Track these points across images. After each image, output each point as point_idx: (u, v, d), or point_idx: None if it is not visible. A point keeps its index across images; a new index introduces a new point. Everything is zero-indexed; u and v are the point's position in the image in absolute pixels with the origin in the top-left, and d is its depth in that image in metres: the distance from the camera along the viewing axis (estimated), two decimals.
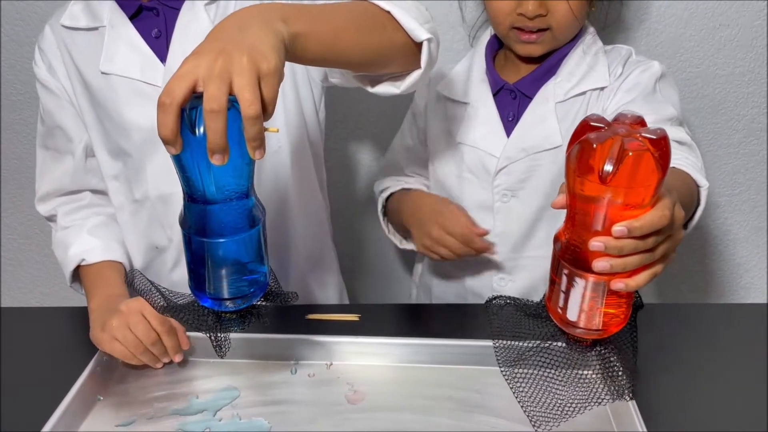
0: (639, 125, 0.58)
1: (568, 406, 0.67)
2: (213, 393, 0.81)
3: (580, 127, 0.59)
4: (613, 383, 0.67)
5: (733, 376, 0.83)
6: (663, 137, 0.55)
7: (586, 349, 0.67)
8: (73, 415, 0.76)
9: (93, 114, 0.95)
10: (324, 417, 0.77)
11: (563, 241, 0.61)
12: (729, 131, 1.34)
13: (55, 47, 0.94)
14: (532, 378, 0.69)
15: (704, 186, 0.81)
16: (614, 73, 0.99)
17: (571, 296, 0.62)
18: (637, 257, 0.58)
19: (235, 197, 0.62)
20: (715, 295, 1.50)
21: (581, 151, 0.56)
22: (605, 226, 0.57)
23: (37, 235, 1.50)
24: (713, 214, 1.42)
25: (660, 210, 0.56)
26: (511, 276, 1.07)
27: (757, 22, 1.24)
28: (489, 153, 1.02)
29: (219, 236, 0.62)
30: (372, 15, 0.75)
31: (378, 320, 0.96)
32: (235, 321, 0.71)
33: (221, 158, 0.56)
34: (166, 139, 0.55)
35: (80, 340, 0.87)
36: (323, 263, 1.11)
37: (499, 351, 0.71)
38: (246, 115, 0.55)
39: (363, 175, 1.44)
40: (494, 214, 1.04)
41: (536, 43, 0.98)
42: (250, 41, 0.58)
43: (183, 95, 0.55)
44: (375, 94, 0.83)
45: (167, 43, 0.91)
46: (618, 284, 0.59)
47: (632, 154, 0.53)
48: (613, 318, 0.63)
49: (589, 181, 0.56)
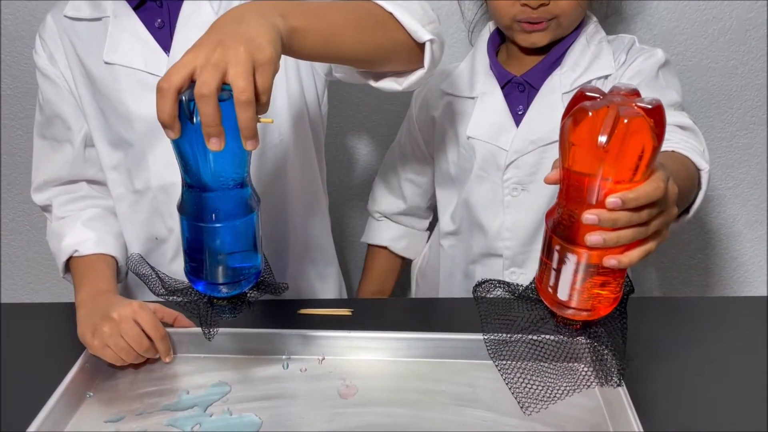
0: (634, 96, 0.57)
1: (557, 390, 0.67)
2: (204, 388, 0.80)
3: (575, 97, 0.58)
4: (602, 368, 0.67)
5: (732, 369, 0.82)
6: (658, 106, 0.55)
7: (575, 333, 0.67)
8: (61, 412, 0.75)
9: (94, 104, 0.95)
10: (316, 411, 0.76)
11: (555, 217, 0.61)
12: (722, 124, 1.33)
13: (56, 37, 0.94)
14: (520, 359, 0.68)
15: (704, 169, 0.80)
16: (618, 61, 0.99)
17: (563, 274, 0.61)
18: (630, 231, 0.57)
19: (232, 185, 0.64)
20: (709, 289, 1.50)
21: (575, 120, 0.56)
22: (599, 199, 0.56)
23: (28, 231, 1.49)
24: (708, 207, 1.41)
25: (654, 182, 0.56)
26: (522, 269, 1.06)
27: (751, 15, 1.24)
28: (499, 147, 1.02)
29: (214, 222, 0.65)
30: (374, 14, 0.76)
31: (370, 315, 0.95)
32: (226, 307, 0.72)
33: (218, 142, 0.58)
34: (165, 122, 0.58)
35: (70, 337, 0.86)
36: (323, 255, 1.11)
37: (487, 335, 0.70)
38: (238, 101, 0.57)
39: (359, 170, 1.43)
40: (504, 208, 1.04)
41: (541, 32, 0.97)
42: (248, 34, 0.60)
43: (180, 81, 0.57)
44: (378, 89, 0.84)
45: (171, 33, 0.91)
46: (610, 260, 0.58)
47: (627, 120, 0.53)
48: (604, 299, 0.62)
49: (583, 150, 0.55)
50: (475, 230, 1.08)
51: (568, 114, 0.57)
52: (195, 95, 0.57)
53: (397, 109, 1.32)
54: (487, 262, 1.09)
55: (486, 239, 1.07)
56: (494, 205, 1.05)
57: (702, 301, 1.24)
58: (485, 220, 1.06)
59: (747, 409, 0.76)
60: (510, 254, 1.06)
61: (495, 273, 1.08)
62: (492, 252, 1.07)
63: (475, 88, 1.05)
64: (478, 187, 1.06)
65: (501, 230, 1.05)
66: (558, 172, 0.60)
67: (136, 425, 0.75)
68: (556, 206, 0.61)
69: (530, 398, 0.67)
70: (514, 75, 1.02)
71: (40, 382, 0.79)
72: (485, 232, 1.07)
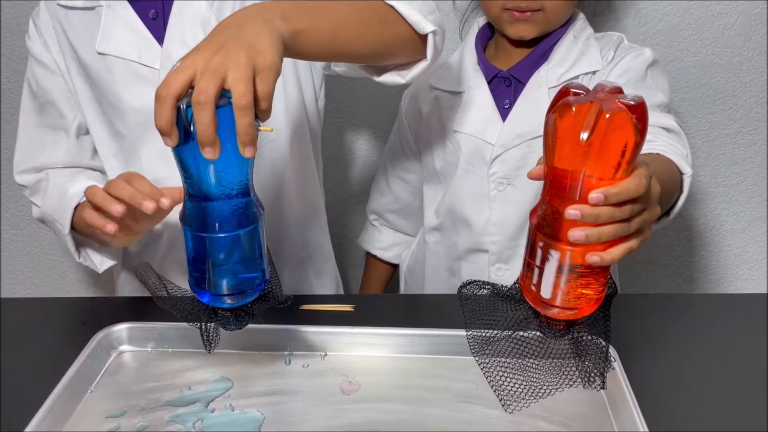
0: (618, 93, 0.58)
1: (539, 388, 0.66)
2: (205, 384, 0.80)
3: (560, 93, 0.59)
4: (586, 369, 0.67)
5: (737, 367, 0.82)
6: (641, 103, 0.56)
7: (559, 332, 0.67)
8: (63, 407, 0.75)
9: (89, 93, 0.94)
10: (318, 408, 0.76)
11: (539, 214, 0.61)
12: (727, 121, 1.33)
13: (49, 25, 0.93)
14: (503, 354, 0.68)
15: (687, 173, 0.80)
16: (606, 58, 1.00)
17: (546, 272, 0.61)
18: (612, 227, 0.57)
19: (233, 194, 0.63)
20: (711, 286, 1.50)
21: (559, 115, 0.56)
22: (582, 195, 0.56)
23: (28, 226, 1.49)
24: (710, 204, 1.41)
25: (637, 178, 0.56)
26: (507, 265, 1.06)
27: (756, 11, 1.23)
28: (485, 141, 1.02)
29: (217, 232, 0.63)
30: (375, 8, 0.75)
31: (373, 311, 0.95)
32: (230, 319, 0.71)
33: (212, 151, 0.57)
34: (162, 130, 0.57)
35: (72, 332, 0.86)
36: (320, 252, 1.11)
37: (470, 335, 0.70)
38: (236, 105, 0.56)
39: (357, 167, 1.43)
40: (490, 203, 1.04)
41: (528, 22, 0.97)
42: (249, 38, 0.60)
43: (179, 88, 0.57)
44: (380, 83, 0.83)
45: (164, 25, 0.90)
46: (593, 257, 0.59)
47: (609, 115, 0.53)
48: (587, 298, 0.63)
49: (566, 145, 0.56)
50: (460, 226, 1.08)
51: (552, 110, 0.58)
52: (192, 102, 0.56)
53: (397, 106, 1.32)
54: (472, 258, 1.08)
55: (472, 234, 1.07)
56: (480, 200, 1.05)
57: (706, 298, 1.24)
58: (471, 215, 1.06)
59: (748, 406, 0.76)
60: (496, 249, 1.06)
61: (481, 269, 1.08)
62: (478, 247, 1.07)
63: (462, 83, 1.05)
64: (463, 181, 1.05)
65: (487, 225, 1.05)
66: (541, 168, 0.60)
67: (137, 421, 0.75)
68: (540, 203, 0.61)
69: (512, 396, 0.67)
70: (500, 69, 1.03)
71: (41, 377, 0.79)
72: (471, 227, 1.06)
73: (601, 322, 0.67)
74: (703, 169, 1.35)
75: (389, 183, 1.22)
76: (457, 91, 1.05)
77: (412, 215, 1.23)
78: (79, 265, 1.49)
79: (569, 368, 0.67)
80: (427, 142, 1.11)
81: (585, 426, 0.73)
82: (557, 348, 0.68)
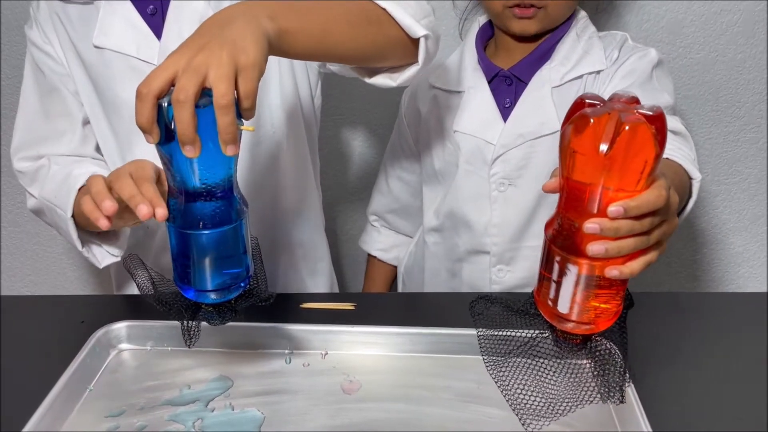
0: (634, 103, 0.57)
1: (559, 405, 0.65)
2: (205, 383, 0.79)
3: (575, 104, 0.57)
4: (604, 384, 0.66)
5: (741, 367, 0.82)
6: (660, 114, 0.54)
7: (575, 347, 0.66)
8: (62, 406, 0.74)
9: (90, 86, 0.93)
10: (319, 407, 0.76)
11: (555, 227, 0.60)
12: (729, 118, 1.32)
13: (48, 18, 0.93)
14: (520, 371, 0.67)
15: (697, 178, 0.79)
16: (610, 57, 0.98)
17: (563, 286, 0.60)
18: (632, 240, 0.56)
19: (216, 191, 0.63)
20: (713, 284, 1.49)
21: (577, 127, 0.55)
22: (600, 208, 0.55)
23: (28, 223, 1.48)
24: (713, 202, 1.40)
25: (657, 189, 0.55)
26: (509, 267, 1.05)
27: (759, 8, 1.22)
28: (486, 140, 1.01)
29: (200, 229, 0.64)
30: (367, 10, 0.74)
31: (374, 309, 0.94)
32: (213, 314, 0.71)
33: (192, 150, 0.57)
34: (143, 127, 0.58)
35: (71, 330, 0.86)
36: (315, 251, 1.10)
37: (485, 349, 0.69)
38: (217, 104, 0.56)
39: (355, 165, 1.42)
40: (491, 204, 1.03)
41: (531, 19, 0.97)
42: (232, 36, 0.59)
43: (160, 86, 0.57)
44: (372, 84, 0.83)
45: (163, 20, 0.89)
46: (612, 271, 0.57)
47: (629, 126, 0.52)
48: (605, 312, 0.61)
49: (584, 158, 0.54)
50: (461, 227, 1.07)
51: (568, 121, 0.56)
52: (172, 100, 0.56)
53: (395, 105, 1.32)
54: (473, 259, 1.08)
55: (472, 236, 1.06)
56: (481, 201, 1.04)
57: (707, 296, 1.23)
58: (472, 216, 1.05)
59: (750, 404, 0.75)
60: (497, 251, 1.05)
61: (482, 271, 1.07)
62: (479, 249, 1.06)
63: (462, 83, 1.05)
64: (464, 182, 1.05)
65: (488, 226, 1.04)
66: (557, 181, 0.58)
67: (136, 420, 0.74)
68: (555, 216, 0.60)
69: (532, 414, 0.65)
70: (501, 68, 1.02)
71: (40, 375, 0.78)
72: (472, 228, 1.06)
73: (617, 335, 0.65)
74: (704, 166, 1.35)
75: (389, 183, 1.21)
76: (457, 90, 1.05)
77: (412, 216, 1.22)
78: (78, 263, 1.49)
79: (587, 383, 0.66)
80: (426, 142, 1.11)
81: (588, 425, 0.72)
82: (574, 363, 0.66)
